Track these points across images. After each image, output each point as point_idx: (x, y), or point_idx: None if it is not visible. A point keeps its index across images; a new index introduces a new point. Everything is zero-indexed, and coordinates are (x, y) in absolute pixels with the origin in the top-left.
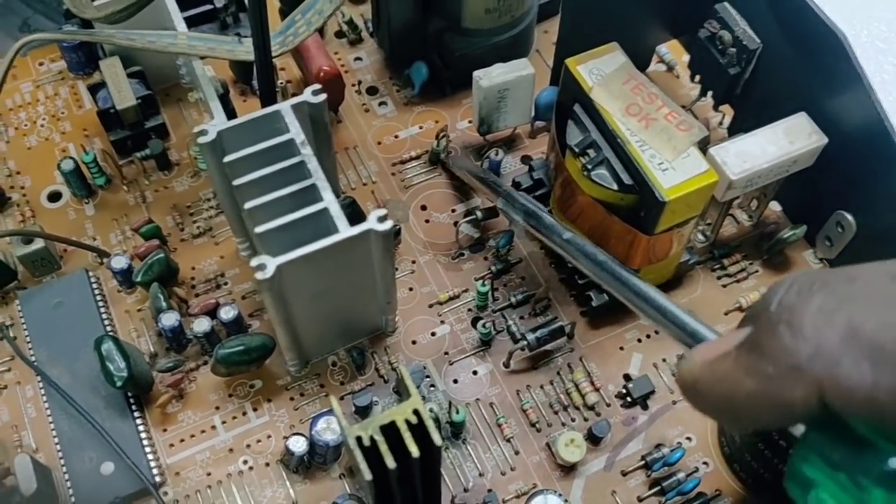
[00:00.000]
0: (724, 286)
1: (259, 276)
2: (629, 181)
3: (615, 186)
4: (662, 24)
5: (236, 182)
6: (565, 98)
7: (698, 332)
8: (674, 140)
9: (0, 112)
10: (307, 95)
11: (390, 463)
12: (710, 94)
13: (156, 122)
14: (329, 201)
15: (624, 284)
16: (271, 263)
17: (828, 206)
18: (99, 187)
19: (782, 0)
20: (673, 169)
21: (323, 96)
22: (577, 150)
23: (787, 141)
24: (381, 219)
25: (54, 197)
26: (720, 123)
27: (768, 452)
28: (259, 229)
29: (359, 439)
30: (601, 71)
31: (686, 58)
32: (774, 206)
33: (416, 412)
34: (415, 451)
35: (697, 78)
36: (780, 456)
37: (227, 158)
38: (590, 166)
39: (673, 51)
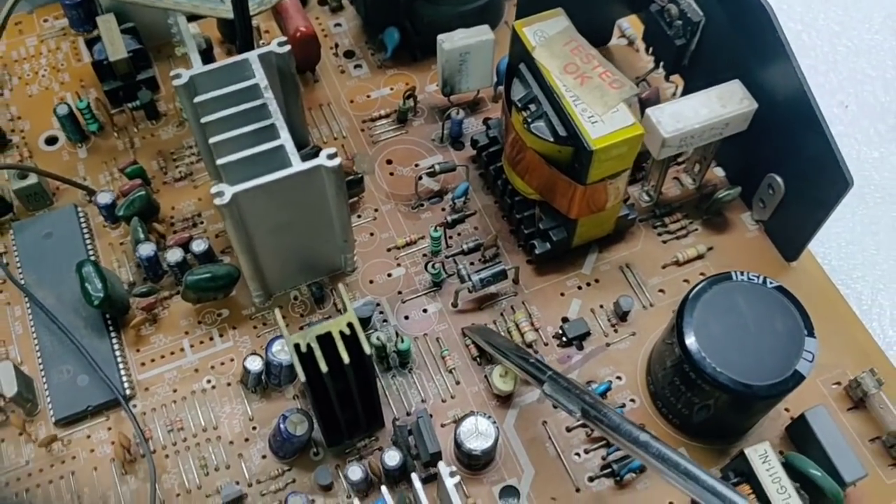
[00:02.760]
0: (665, 242)
1: (217, 201)
2: (563, 133)
3: (551, 138)
4: None
5: (204, 119)
6: (513, 58)
7: None
8: (606, 96)
9: (6, 63)
10: (273, 46)
11: (323, 366)
12: (661, 65)
13: (146, 75)
14: (285, 139)
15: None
16: (228, 191)
17: (761, 169)
18: (91, 133)
19: None
20: (602, 122)
21: (287, 48)
22: (519, 104)
23: (720, 105)
24: (331, 156)
25: (51, 141)
26: (673, 94)
27: (684, 388)
28: (220, 161)
29: (297, 346)
30: (545, 33)
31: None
32: (719, 172)
33: (349, 325)
34: (345, 357)
35: (651, 50)
36: (694, 391)
37: (196, 99)
38: (530, 120)
39: (633, 26)
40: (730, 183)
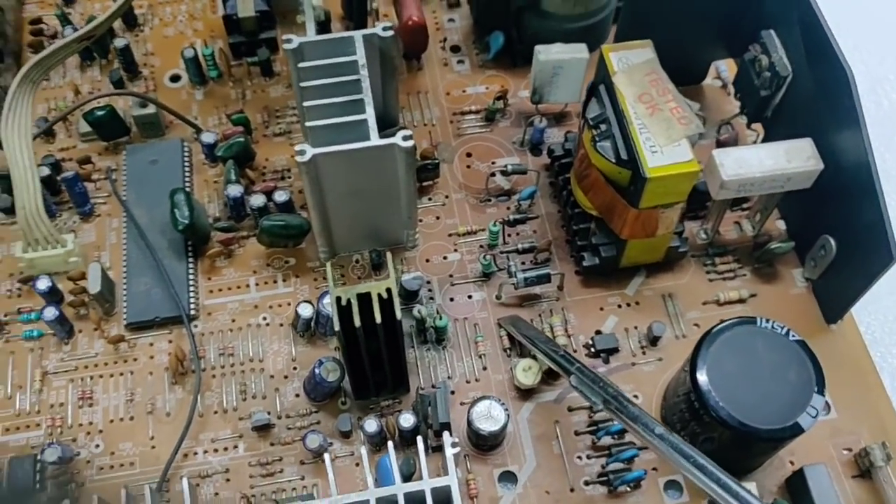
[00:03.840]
0: (711, 280)
1: (298, 158)
2: (625, 156)
3: (613, 159)
4: (719, 41)
5: (303, 84)
6: (596, 79)
7: None
8: (671, 129)
9: (151, 4)
10: (378, 29)
11: (356, 321)
12: (745, 112)
13: (268, 35)
14: (369, 115)
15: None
16: (310, 151)
17: (818, 229)
18: (210, 78)
19: (812, 33)
20: (662, 153)
21: (391, 33)
22: (591, 122)
23: (786, 159)
24: (406, 138)
25: (175, 79)
26: (754, 142)
27: (688, 416)
28: (309, 123)
29: (338, 299)
30: (629, 61)
31: None
32: (781, 225)
33: (388, 290)
34: (378, 316)
35: (738, 95)
36: (697, 422)
37: (301, 64)
38: (598, 138)
39: (730, 69)
40: (788, 237)
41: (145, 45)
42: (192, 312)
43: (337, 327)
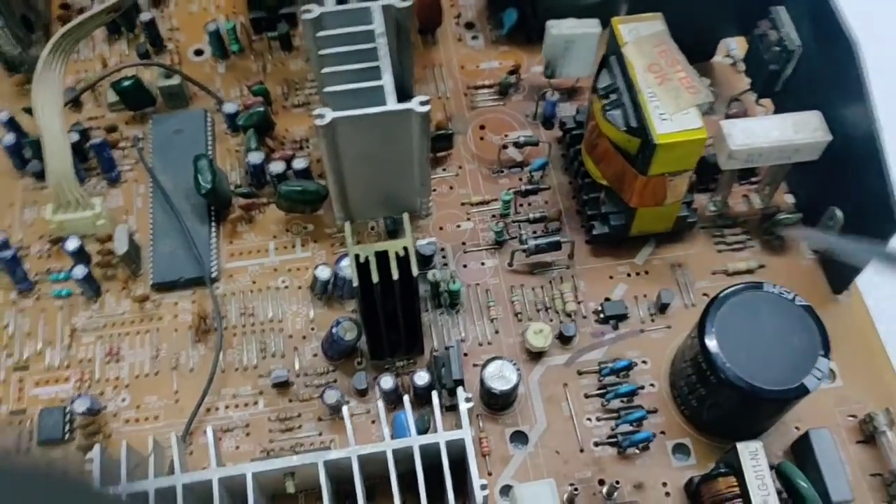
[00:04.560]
0: (720, 251)
1: (317, 122)
2: (634, 124)
3: (623, 127)
4: (729, 18)
5: (321, 52)
6: (607, 51)
7: None
8: (680, 98)
9: None
10: (396, 0)
11: (374, 277)
12: (755, 87)
13: (288, 11)
14: (386, 81)
15: None
16: (329, 115)
17: (826, 201)
18: (232, 52)
19: (819, 6)
20: (671, 121)
21: (408, 3)
22: (601, 92)
23: (793, 130)
24: (423, 103)
25: (198, 53)
26: None
27: (695, 378)
28: (327, 89)
29: (357, 256)
30: (639, 32)
31: None
32: (790, 199)
33: (405, 248)
34: (395, 273)
35: (748, 71)
36: (704, 384)
37: (319, 33)
38: (608, 107)
39: (740, 46)
40: (797, 210)
41: (170, 20)
42: (214, 274)
43: (356, 282)
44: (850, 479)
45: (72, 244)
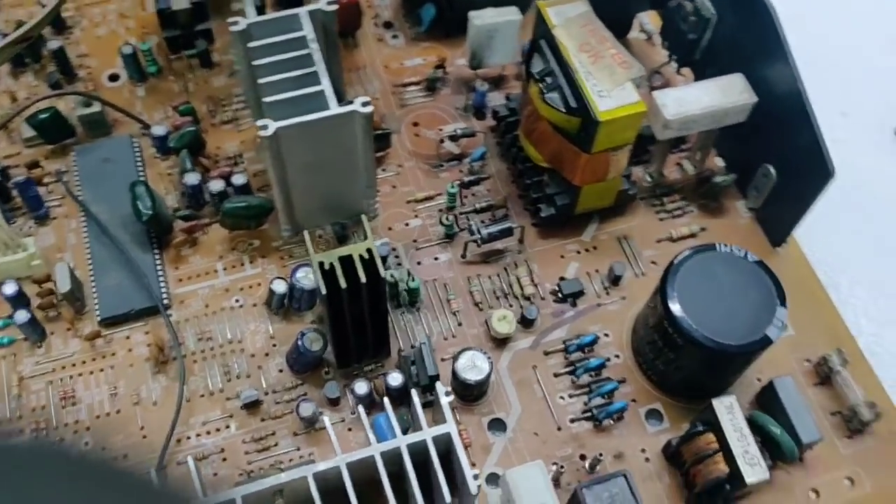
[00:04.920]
0: (661, 220)
1: (261, 133)
2: (574, 105)
3: (563, 109)
4: None
5: (256, 62)
6: (535, 35)
7: None
8: (615, 74)
9: (78, 6)
10: (322, 4)
11: (342, 283)
12: (674, 58)
13: (204, 27)
14: (325, 85)
15: None
16: (272, 125)
17: (757, 159)
18: (150, 74)
19: None
20: (610, 97)
21: (335, 7)
22: (537, 76)
23: (721, 95)
24: (365, 104)
25: (113, 78)
26: None
27: (662, 343)
28: (266, 99)
29: (321, 263)
30: (566, 14)
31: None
32: (719, 162)
33: (368, 250)
34: (363, 276)
35: (666, 44)
36: (672, 348)
37: (250, 44)
38: (545, 91)
39: (652, 21)
40: (728, 171)
41: (78, 46)
42: (165, 302)
43: (323, 290)
44: (815, 420)
45: (9, 289)
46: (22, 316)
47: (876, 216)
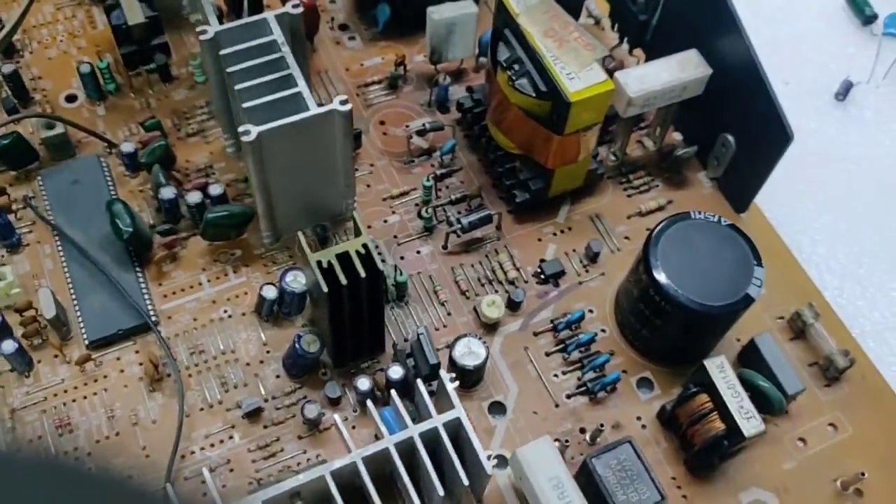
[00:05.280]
0: (629, 196)
1: (244, 139)
2: (544, 88)
3: (533, 93)
4: None
5: (230, 69)
6: (498, 24)
7: None
8: (580, 57)
9: (25, 28)
10: (288, 8)
11: (342, 279)
12: (626, 40)
13: (160, 41)
14: (302, 87)
15: None
16: (254, 130)
17: (715, 130)
18: (109, 93)
19: None
20: (578, 78)
21: (300, 10)
22: (504, 64)
23: (679, 70)
24: (343, 102)
25: (71, 98)
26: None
27: (648, 312)
28: (245, 105)
29: (319, 263)
30: (527, 2)
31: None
32: (677, 136)
33: (364, 245)
34: (362, 271)
35: (616, 27)
36: (658, 315)
37: (223, 51)
38: (514, 77)
39: (599, 6)
40: (686, 144)
41: (30, 69)
42: (153, 319)
43: (325, 288)
44: (796, 372)
45: None
46: (9, 346)
47: (825, 177)
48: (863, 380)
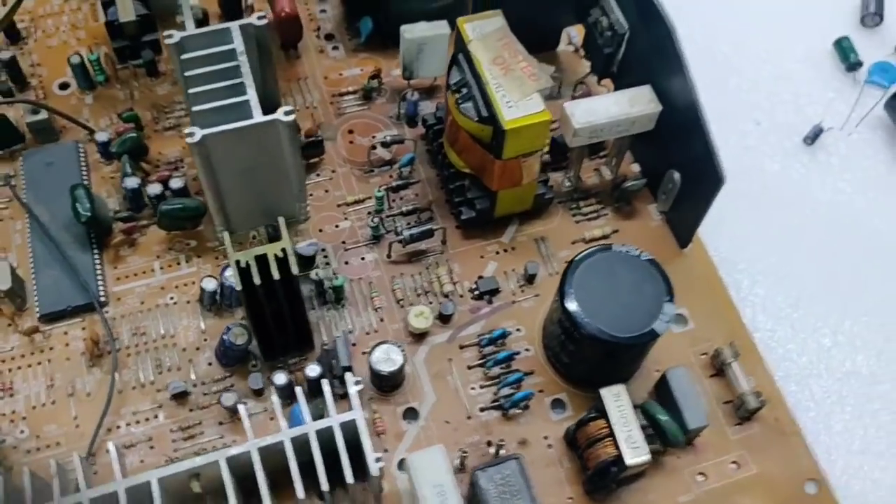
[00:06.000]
0: (577, 222)
1: (189, 140)
2: (485, 114)
3: (476, 118)
4: (566, 8)
5: (187, 73)
6: (456, 49)
7: None
8: (523, 86)
9: (34, 17)
10: (253, 19)
11: (256, 279)
12: (595, 70)
13: (151, 38)
14: (251, 96)
15: None
16: (199, 132)
17: (664, 165)
18: (98, 83)
19: None
20: (517, 107)
21: (265, 21)
22: (454, 87)
23: (629, 105)
24: (287, 113)
25: (63, 86)
26: None
27: (564, 337)
28: (195, 108)
29: (238, 262)
30: (483, 29)
31: None
32: (636, 168)
33: (283, 250)
34: (275, 273)
35: (587, 56)
36: (572, 341)
37: (183, 56)
38: (460, 101)
39: (580, 34)
40: (642, 177)
41: (31, 56)
42: (103, 299)
43: (238, 287)
44: (706, 408)
45: None
46: None
47: (780, 218)
48: (775, 422)
